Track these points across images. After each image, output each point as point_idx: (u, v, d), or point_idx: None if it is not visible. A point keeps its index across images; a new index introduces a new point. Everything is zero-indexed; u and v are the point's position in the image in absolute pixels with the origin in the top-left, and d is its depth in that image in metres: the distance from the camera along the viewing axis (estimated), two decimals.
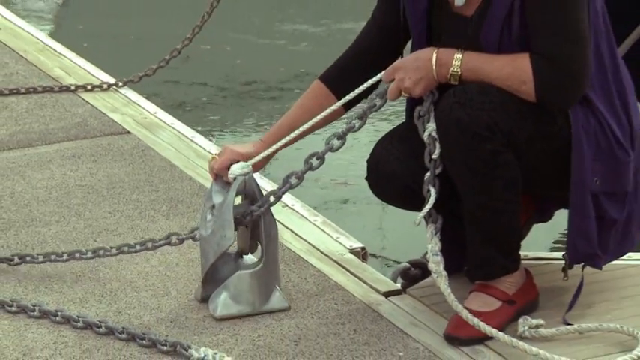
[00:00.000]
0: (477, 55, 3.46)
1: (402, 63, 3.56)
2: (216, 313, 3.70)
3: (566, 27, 3.40)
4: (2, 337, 3.60)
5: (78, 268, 4.05)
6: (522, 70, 3.39)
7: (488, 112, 3.39)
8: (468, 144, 3.41)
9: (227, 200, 3.61)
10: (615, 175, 3.54)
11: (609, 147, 3.51)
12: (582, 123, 3.45)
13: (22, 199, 4.61)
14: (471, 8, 3.53)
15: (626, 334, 3.54)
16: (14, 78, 5.94)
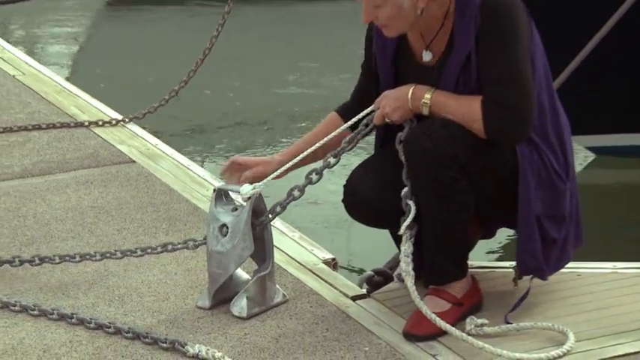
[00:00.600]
0: (444, 94, 3.46)
1: (386, 94, 3.56)
2: (245, 313, 3.67)
3: (513, 78, 3.39)
4: (26, 336, 3.57)
5: (90, 277, 4.02)
6: (474, 111, 3.39)
7: (450, 144, 3.38)
8: (432, 170, 3.41)
9: (244, 217, 3.57)
10: (554, 201, 3.55)
11: (549, 177, 3.52)
12: (527, 157, 3.46)
13: (42, 218, 4.57)
14: (433, 59, 3.53)
15: (557, 331, 3.53)
16: (36, 116, 5.92)
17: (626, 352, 3.43)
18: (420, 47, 3.57)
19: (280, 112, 9.40)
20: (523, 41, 3.43)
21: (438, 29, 3.50)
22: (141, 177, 5.05)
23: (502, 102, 3.38)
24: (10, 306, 3.74)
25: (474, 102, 3.41)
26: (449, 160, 3.38)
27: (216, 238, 3.64)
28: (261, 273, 3.71)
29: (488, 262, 4.26)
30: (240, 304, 3.69)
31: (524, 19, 3.46)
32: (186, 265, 4.09)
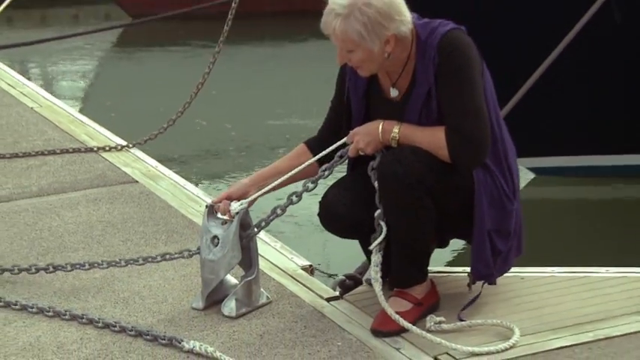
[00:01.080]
0: (410, 127, 3.46)
1: (359, 129, 3.54)
2: (234, 313, 3.66)
3: (470, 111, 3.40)
4: (42, 335, 3.56)
5: (98, 282, 4.00)
6: (440, 140, 3.39)
7: (417, 168, 3.38)
8: (402, 190, 3.40)
9: (233, 229, 3.57)
10: (503, 219, 3.55)
11: (500, 198, 3.52)
12: (482, 181, 3.46)
13: (56, 231, 4.55)
14: (399, 95, 3.53)
15: (504, 327, 3.53)
16: (51, 142, 5.90)
17: (564, 345, 3.43)
18: (388, 85, 3.57)
19: (269, 139, 9.41)
20: (476, 77, 3.44)
21: (403, 69, 3.51)
22: (143, 195, 5.03)
23: (462, 132, 3.38)
24: (28, 308, 3.73)
25: (438, 132, 3.41)
26: (416, 182, 3.38)
27: (209, 247, 3.63)
28: (247, 278, 3.70)
29: (444, 268, 4.26)
30: (230, 305, 3.68)
31: (476, 58, 3.48)
32: (182, 272, 4.07)
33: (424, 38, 3.45)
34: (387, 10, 3.34)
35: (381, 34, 3.35)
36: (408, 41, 3.46)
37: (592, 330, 3.54)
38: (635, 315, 3.66)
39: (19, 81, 7.52)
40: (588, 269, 4.12)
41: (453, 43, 3.42)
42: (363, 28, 3.33)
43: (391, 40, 3.39)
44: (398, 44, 3.42)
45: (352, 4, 3.32)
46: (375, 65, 3.47)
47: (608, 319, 3.64)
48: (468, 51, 3.45)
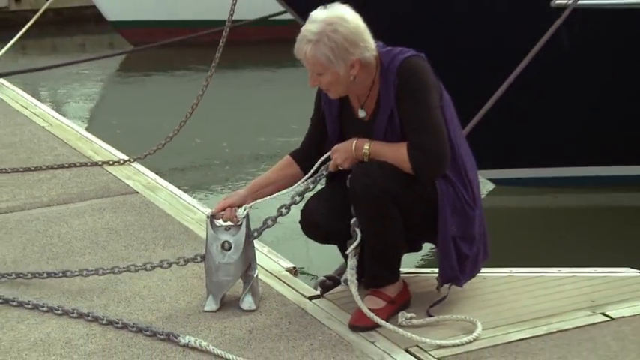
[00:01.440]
0: (379, 144, 3.47)
1: (337, 147, 3.56)
2: (254, 306, 3.69)
3: (428, 127, 3.40)
4: (51, 331, 3.54)
5: (102, 284, 3.98)
6: (403, 155, 3.40)
7: (383, 181, 3.38)
8: (371, 201, 3.41)
9: (244, 232, 3.60)
10: (466, 225, 3.55)
11: (461, 206, 3.52)
12: (444, 191, 3.46)
13: (65, 237, 4.54)
14: (367, 115, 3.54)
15: (468, 321, 3.54)
16: (61, 157, 5.89)
17: (521, 338, 3.43)
18: (357, 106, 3.58)
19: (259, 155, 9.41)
20: (433, 98, 3.44)
21: (369, 92, 3.52)
22: (143, 205, 5.01)
23: (422, 147, 3.38)
24: (39, 307, 3.71)
25: (402, 148, 3.41)
26: (382, 192, 3.38)
27: (221, 252, 3.61)
28: (254, 274, 3.70)
29: (415, 269, 4.25)
30: (249, 300, 3.69)
31: (432, 82, 3.47)
32: (179, 274, 4.05)
33: (386, 64, 3.46)
34: (352, 38, 3.35)
35: (347, 58, 3.36)
36: (373, 67, 3.47)
37: (546, 324, 3.55)
38: (584, 310, 3.67)
39: (32, 102, 7.51)
40: (542, 269, 4.12)
41: (411, 69, 3.43)
42: (330, 53, 3.34)
43: (356, 65, 3.39)
44: (363, 69, 3.43)
45: (321, 32, 3.33)
46: (342, 88, 3.47)
47: (560, 313, 3.65)
48: (424, 76, 3.45)
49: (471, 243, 3.60)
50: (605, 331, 3.49)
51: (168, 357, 3.33)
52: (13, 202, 5.06)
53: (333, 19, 3.36)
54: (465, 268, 3.61)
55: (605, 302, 3.75)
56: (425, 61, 3.51)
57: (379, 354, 3.34)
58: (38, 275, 3.94)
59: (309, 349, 3.37)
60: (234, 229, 3.61)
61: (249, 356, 3.30)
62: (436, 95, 3.48)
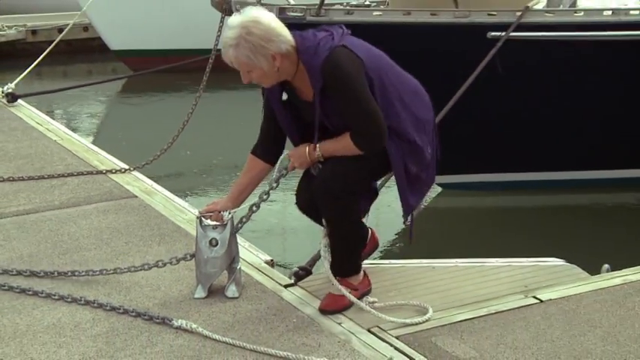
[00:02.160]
0: (327, 143, 3.41)
1: (292, 152, 3.51)
2: (237, 294, 3.66)
3: (359, 113, 3.30)
4: (62, 316, 3.51)
5: (108, 275, 3.92)
6: (349, 143, 3.35)
7: (338, 180, 3.35)
8: (330, 202, 3.39)
9: (228, 231, 3.57)
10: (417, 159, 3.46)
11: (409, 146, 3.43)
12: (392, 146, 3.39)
13: (74, 236, 4.48)
14: (309, 97, 3.40)
15: (421, 307, 3.54)
16: (70, 167, 5.82)
17: (465, 318, 3.44)
18: (299, 90, 3.44)
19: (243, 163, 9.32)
20: (358, 86, 3.28)
21: (297, 76, 3.37)
22: (141, 207, 4.96)
23: (361, 133, 3.32)
24: (52, 296, 3.67)
25: (346, 138, 3.35)
26: (341, 191, 3.34)
27: (209, 248, 3.57)
28: (237, 266, 3.67)
29: (375, 261, 4.25)
30: (232, 289, 3.66)
31: (354, 70, 3.29)
32: (172, 267, 3.96)
33: (308, 58, 3.30)
34: (266, 36, 3.23)
35: (266, 54, 3.24)
36: (293, 56, 3.31)
37: (486, 306, 3.56)
38: (518, 294, 3.69)
39: (45, 120, 7.44)
40: (482, 260, 4.13)
41: (333, 70, 3.26)
42: (250, 53, 3.24)
43: (277, 57, 3.26)
44: (284, 59, 3.29)
45: (238, 36, 3.23)
46: (271, 78, 3.35)
47: (498, 297, 3.66)
48: (346, 67, 3.27)
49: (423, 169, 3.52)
50: (535, 312, 3.51)
51: (164, 338, 3.30)
52: (29, 205, 5.00)
53: (246, 22, 3.24)
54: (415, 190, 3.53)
55: (535, 287, 3.78)
56: (343, 51, 3.31)
57: (345, 334, 3.32)
58: (49, 274, 3.90)
59: (284, 330, 3.35)
60: (221, 228, 3.58)
61: (234, 337, 3.28)
62: (361, 81, 3.30)
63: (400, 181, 3.45)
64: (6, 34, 14.22)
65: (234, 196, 3.65)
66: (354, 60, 3.30)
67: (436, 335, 3.30)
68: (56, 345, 3.26)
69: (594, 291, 3.70)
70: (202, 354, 3.18)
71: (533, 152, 7.26)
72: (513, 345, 3.22)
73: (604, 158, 7.27)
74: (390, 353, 3.16)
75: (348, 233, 3.51)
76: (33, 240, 4.41)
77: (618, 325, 3.38)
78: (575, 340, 3.26)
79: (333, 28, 3.40)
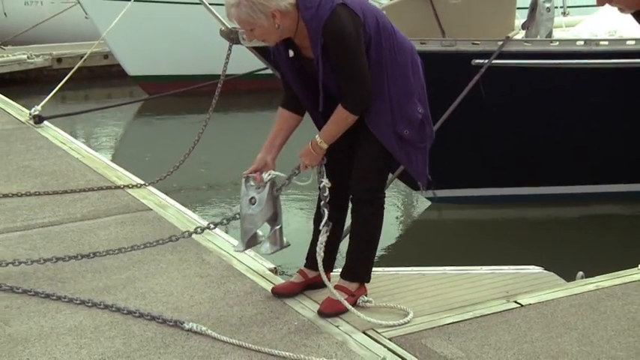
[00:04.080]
0: (324, 129, 3.34)
1: (301, 153, 3.44)
2: (269, 251, 3.61)
3: (351, 75, 3.23)
4: (83, 319, 3.50)
5: (123, 282, 3.93)
6: (343, 113, 3.27)
7: (364, 185, 3.40)
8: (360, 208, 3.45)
9: (266, 191, 3.50)
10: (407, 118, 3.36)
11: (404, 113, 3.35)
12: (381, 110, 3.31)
13: (94, 245, 4.48)
14: (311, 54, 3.27)
15: (404, 310, 3.53)
16: (91, 182, 5.81)
17: (453, 321, 3.43)
18: (301, 46, 3.34)
19: None
20: (354, 48, 3.19)
21: (298, 34, 3.26)
22: (155, 219, 4.95)
23: (351, 93, 3.24)
24: (74, 300, 3.66)
25: (339, 112, 3.28)
26: (366, 194, 3.40)
27: (248, 206, 3.53)
28: (276, 227, 3.60)
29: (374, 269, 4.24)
30: (266, 246, 3.60)
31: (353, 32, 3.18)
32: (184, 274, 4.00)
33: (310, 17, 3.18)
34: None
35: (266, 11, 3.14)
36: (293, 13, 3.19)
37: (472, 310, 3.55)
38: (501, 299, 3.68)
39: (69, 139, 7.45)
40: (468, 268, 4.12)
41: (334, 24, 3.16)
42: (250, 11, 3.15)
43: (276, 14, 3.15)
44: (284, 17, 3.18)
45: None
46: (274, 35, 3.24)
47: (482, 302, 3.65)
48: (347, 27, 3.16)
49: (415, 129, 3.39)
50: (516, 315, 3.50)
51: (176, 339, 3.29)
52: (54, 217, 5.00)
53: None
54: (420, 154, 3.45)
55: (516, 293, 3.77)
56: (343, 10, 3.19)
57: (342, 335, 3.31)
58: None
59: (286, 332, 3.34)
60: (261, 188, 3.51)
61: (240, 338, 3.26)
62: (358, 41, 3.20)
63: (400, 155, 3.37)
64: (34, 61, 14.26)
65: (268, 144, 3.52)
66: (354, 18, 3.20)
67: (426, 337, 3.29)
68: (77, 346, 3.26)
69: (570, 296, 3.70)
70: (211, 354, 3.17)
71: (515, 168, 7.27)
72: (496, 346, 3.21)
73: (577, 174, 7.30)
74: (384, 353, 3.15)
75: (373, 233, 3.48)
76: (57, 249, 4.40)
77: (592, 327, 3.38)
78: (553, 342, 3.25)
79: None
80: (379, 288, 3.78)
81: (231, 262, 4.14)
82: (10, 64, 13.87)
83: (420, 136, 3.41)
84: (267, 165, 3.51)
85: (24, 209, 5.17)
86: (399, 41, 3.35)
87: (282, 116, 3.51)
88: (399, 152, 3.37)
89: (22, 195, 5.44)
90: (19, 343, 3.29)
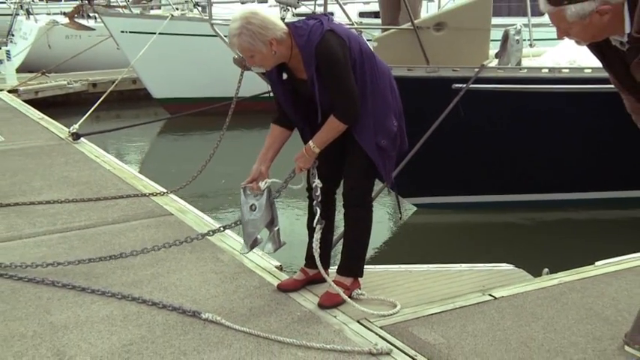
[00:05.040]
0: (317, 135, 3.30)
1: (295, 158, 3.41)
2: (272, 250, 3.57)
3: (341, 93, 3.22)
4: (114, 310, 3.50)
5: (149, 277, 3.92)
6: (334, 123, 3.27)
7: (354, 192, 3.41)
8: (352, 212, 3.45)
9: (265, 198, 3.48)
10: (386, 130, 3.36)
11: (383, 126, 3.34)
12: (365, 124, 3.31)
13: (123, 245, 4.47)
14: (304, 75, 3.27)
15: (392, 302, 3.53)
16: (120, 191, 5.80)
17: (435, 312, 3.43)
18: (295, 71, 3.34)
19: None
20: (342, 69, 3.18)
21: (292, 59, 3.26)
22: (176, 223, 4.95)
23: (341, 109, 3.23)
24: (106, 293, 3.66)
25: (331, 122, 3.26)
26: (355, 199, 3.39)
27: (249, 212, 3.50)
28: (275, 228, 3.57)
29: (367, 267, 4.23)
30: (268, 247, 3.56)
31: (342, 55, 3.17)
32: (201, 270, 4.00)
33: (303, 43, 3.18)
34: (262, 24, 3.15)
35: (264, 39, 3.14)
36: (287, 41, 3.20)
37: (452, 302, 3.55)
38: (477, 293, 3.68)
39: (102, 153, 7.45)
40: (449, 265, 4.13)
41: (326, 53, 3.15)
42: (251, 39, 3.15)
43: (273, 42, 3.15)
44: (280, 45, 3.18)
45: (241, 27, 3.15)
46: (271, 61, 3.23)
47: (462, 295, 3.65)
48: (335, 50, 3.16)
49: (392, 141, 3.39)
50: (491, 307, 3.50)
51: (194, 327, 3.29)
52: (89, 221, 4.99)
53: (246, 15, 3.17)
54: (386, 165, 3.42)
55: (491, 287, 3.77)
56: (332, 35, 3.18)
57: (339, 324, 3.31)
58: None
59: (290, 322, 3.34)
60: (259, 196, 3.49)
61: (250, 327, 3.26)
62: (346, 62, 3.18)
63: (378, 161, 3.36)
64: (73, 87, 14.30)
65: (262, 156, 3.51)
66: (341, 42, 3.19)
67: (412, 326, 3.29)
68: (109, 332, 3.26)
69: (537, 290, 3.70)
70: (225, 340, 3.17)
71: (489, 179, 7.27)
72: (474, 333, 3.21)
73: (542, 183, 7.32)
74: (376, 340, 3.15)
75: (363, 236, 3.48)
76: (91, 249, 4.40)
77: (556, 316, 3.38)
78: (522, 329, 3.25)
79: (320, 16, 3.32)
80: (371, 283, 3.78)
81: (243, 260, 4.14)
82: (53, 89, 13.93)
83: (393, 146, 3.40)
84: (262, 174, 3.49)
85: (63, 214, 5.17)
86: (378, 64, 3.36)
87: (274, 131, 3.49)
88: (377, 158, 3.37)
89: (61, 202, 5.45)
90: (60, 330, 3.30)
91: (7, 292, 3.74)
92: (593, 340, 3.14)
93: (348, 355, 3.01)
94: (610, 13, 2.25)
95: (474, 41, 6.53)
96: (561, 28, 2.33)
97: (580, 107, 6.62)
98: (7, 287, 3.80)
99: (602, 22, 2.27)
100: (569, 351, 3.05)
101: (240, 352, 3.06)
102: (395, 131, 3.38)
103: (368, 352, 3.02)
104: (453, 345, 3.10)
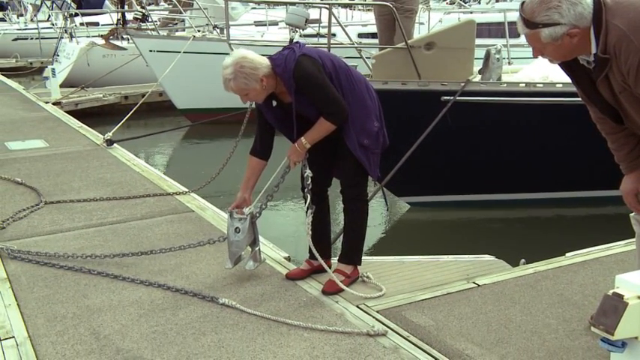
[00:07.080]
0: (308, 133, 3.30)
1: (288, 153, 3.40)
2: (253, 268, 3.59)
3: (326, 101, 3.22)
4: (142, 295, 3.51)
5: (173, 266, 3.92)
6: (322, 124, 3.27)
7: (349, 189, 3.40)
8: (350, 206, 3.43)
9: (247, 222, 3.52)
10: (367, 131, 3.34)
11: (364, 127, 3.33)
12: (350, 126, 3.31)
13: (150, 238, 4.47)
14: (288, 101, 3.31)
15: (378, 287, 3.53)
16: (148, 190, 5.79)
17: (425, 298, 3.43)
18: (281, 97, 3.36)
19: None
20: (321, 82, 3.19)
21: (278, 88, 3.29)
22: (197, 219, 4.94)
23: (329, 114, 3.23)
24: (135, 280, 3.67)
25: (322, 123, 3.26)
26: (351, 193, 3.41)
27: (234, 234, 3.54)
28: (256, 248, 3.62)
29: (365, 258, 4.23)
30: (250, 264, 3.60)
31: (316, 71, 3.19)
32: (218, 260, 4.00)
33: (281, 71, 3.22)
34: (253, 65, 3.18)
35: (256, 77, 3.19)
36: (272, 74, 3.24)
37: (440, 289, 3.55)
38: (462, 281, 3.68)
39: (132, 157, 7.46)
40: (438, 256, 4.12)
41: (299, 73, 3.18)
42: (246, 80, 3.19)
43: (263, 79, 3.20)
44: (269, 78, 3.23)
45: (234, 71, 3.18)
46: (262, 95, 3.26)
47: (449, 283, 3.65)
48: (309, 71, 3.18)
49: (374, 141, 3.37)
50: (475, 293, 3.50)
51: (212, 311, 3.29)
52: (120, 217, 5.00)
53: (237, 60, 3.19)
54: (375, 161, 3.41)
55: (474, 275, 3.77)
56: (305, 58, 3.20)
57: (340, 309, 3.31)
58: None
59: (297, 306, 3.34)
60: (243, 220, 3.53)
61: (262, 310, 3.27)
62: (322, 76, 3.20)
63: (363, 159, 3.35)
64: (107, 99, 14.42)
65: (244, 185, 3.53)
66: (314, 62, 3.22)
67: (405, 310, 3.29)
68: (138, 315, 3.27)
69: (515, 278, 3.70)
70: (239, 323, 3.17)
71: (475, 180, 7.27)
72: (459, 316, 3.21)
73: (519, 184, 7.32)
74: (373, 322, 3.15)
75: (361, 227, 3.47)
76: (122, 241, 4.41)
77: (531, 301, 3.38)
78: (502, 313, 3.25)
79: (292, 45, 3.33)
80: (369, 272, 3.77)
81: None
82: (90, 101, 14.09)
83: (376, 144, 3.38)
84: (246, 201, 3.54)
85: (98, 211, 5.18)
86: (353, 74, 3.35)
87: (252, 163, 3.50)
88: (362, 157, 3.37)
89: (97, 200, 5.45)
90: (95, 312, 3.31)
91: (51, 278, 3.76)
92: (563, 322, 3.14)
93: (349, 336, 3.02)
94: (579, 36, 2.28)
95: (460, 59, 6.54)
96: (536, 48, 2.36)
97: (552, 117, 6.65)
98: (50, 274, 3.81)
99: (572, 44, 2.30)
100: (542, 331, 3.05)
101: (253, 332, 3.07)
102: (376, 131, 3.37)
103: (366, 334, 3.02)
104: (441, 327, 3.10)
